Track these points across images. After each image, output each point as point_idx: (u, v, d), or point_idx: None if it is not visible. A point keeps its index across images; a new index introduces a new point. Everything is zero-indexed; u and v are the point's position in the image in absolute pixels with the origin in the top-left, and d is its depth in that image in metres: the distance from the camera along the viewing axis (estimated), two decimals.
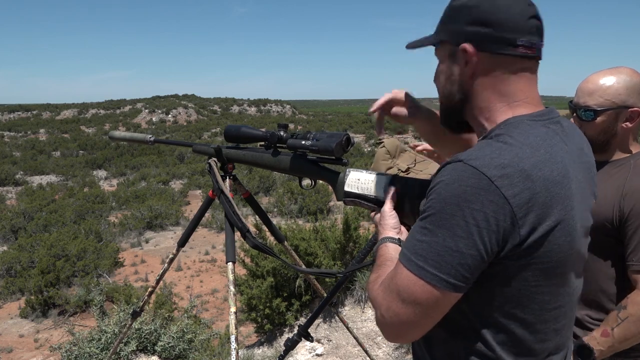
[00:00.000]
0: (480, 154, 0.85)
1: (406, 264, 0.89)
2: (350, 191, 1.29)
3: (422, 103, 1.25)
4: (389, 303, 0.91)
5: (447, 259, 0.84)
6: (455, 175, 0.84)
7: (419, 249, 0.87)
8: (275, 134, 1.57)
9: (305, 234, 4.67)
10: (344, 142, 1.40)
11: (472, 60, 0.93)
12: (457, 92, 0.98)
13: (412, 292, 0.87)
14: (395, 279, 0.91)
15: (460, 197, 0.82)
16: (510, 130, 0.89)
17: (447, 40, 0.98)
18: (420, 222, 0.89)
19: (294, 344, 2.07)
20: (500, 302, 0.90)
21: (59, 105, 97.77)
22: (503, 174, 0.82)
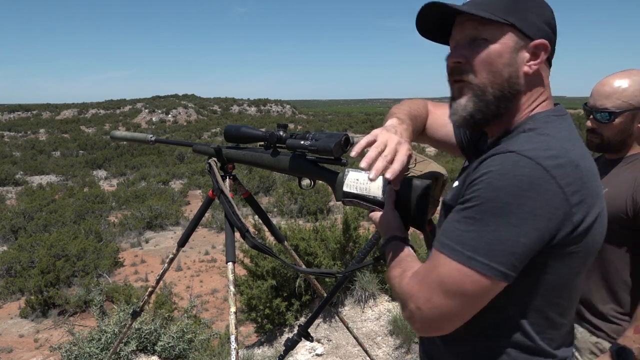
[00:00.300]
0: (530, 145, 0.87)
1: (451, 254, 0.87)
2: (349, 191, 1.29)
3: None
4: (427, 295, 0.89)
5: (499, 247, 0.83)
6: (509, 165, 0.84)
7: (466, 238, 0.86)
8: (274, 134, 1.57)
9: (305, 233, 4.67)
10: (343, 142, 1.40)
11: (542, 57, 0.96)
12: (515, 83, 0.96)
13: (458, 283, 0.86)
14: (436, 271, 0.89)
15: (515, 187, 0.82)
16: (543, 125, 0.93)
17: (520, 27, 0.94)
18: (462, 212, 0.88)
19: (294, 343, 2.07)
20: (544, 291, 0.91)
21: (59, 105, 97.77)
22: (557, 164, 0.84)
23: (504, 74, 0.94)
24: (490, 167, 0.86)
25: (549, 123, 0.94)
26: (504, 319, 0.94)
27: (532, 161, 0.84)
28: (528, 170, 0.83)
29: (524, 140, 0.90)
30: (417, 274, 0.94)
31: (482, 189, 0.85)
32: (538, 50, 0.95)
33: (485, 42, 0.95)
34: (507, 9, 0.94)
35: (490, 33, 0.94)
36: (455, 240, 0.87)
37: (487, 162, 0.88)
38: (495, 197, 0.84)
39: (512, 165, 0.84)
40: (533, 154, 0.85)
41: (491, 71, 0.95)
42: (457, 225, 0.88)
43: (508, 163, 0.85)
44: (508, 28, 0.94)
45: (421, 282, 0.91)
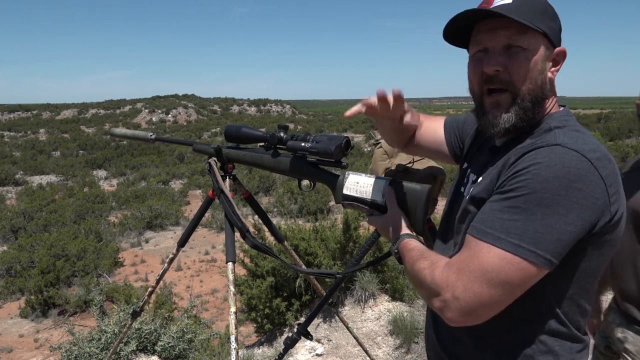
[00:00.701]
0: (571, 139, 0.91)
1: (495, 242, 0.88)
2: (349, 194, 1.29)
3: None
4: (466, 284, 0.89)
5: (546, 236, 0.85)
6: (556, 158, 0.87)
7: (511, 227, 0.87)
8: (275, 135, 1.57)
9: (305, 233, 4.67)
10: (344, 145, 1.40)
11: (561, 64, 1.01)
12: (544, 88, 1.00)
13: (504, 271, 0.86)
14: (477, 259, 0.89)
15: (564, 178, 0.85)
16: (567, 123, 0.98)
17: (548, 34, 0.98)
18: (505, 201, 0.89)
19: (294, 342, 2.07)
20: (579, 278, 0.94)
21: (59, 105, 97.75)
22: (598, 157, 0.89)
23: (538, 82, 0.98)
24: (537, 159, 0.88)
25: (569, 121, 0.98)
26: (540, 307, 0.95)
27: (579, 154, 0.87)
28: (575, 162, 0.87)
29: (563, 135, 0.92)
30: (452, 264, 0.93)
31: (530, 180, 0.87)
32: (559, 57, 1.00)
33: (523, 51, 0.96)
34: (539, 17, 0.96)
35: (527, 41, 0.96)
36: (499, 229, 0.88)
37: (532, 155, 0.90)
38: (543, 187, 0.86)
39: (559, 157, 0.87)
40: (578, 147, 0.89)
41: (530, 79, 0.97)
42: (499, 214, 0.89)
43: (555, 155, 0.88)
44: (541, 36, 0.97)
45: (459, 271, 0.90)
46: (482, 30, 0.99)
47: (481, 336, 1.01)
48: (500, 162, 0.98)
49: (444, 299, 0.91)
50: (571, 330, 0.96)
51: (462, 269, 0.90)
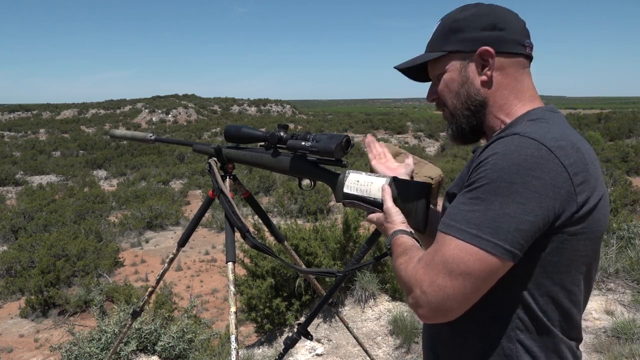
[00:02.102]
0: (532, 129, 0.90)
1: (456, 233, 0.88)
2: (349, 193, 1.29)
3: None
4: (432, 277, 0.88)
5: (504, 225, 0.84)
6: (513, 147, 0.87)
7: (471, 217, 0.87)
8: (275, 134, 1.57)
9: (305, 233, 4.67)
10: (344, 143, 1.41)
11: (491, 62, 1.00)
12: (476, 95, 1.02)
13: (463, 262, 0.86)
14: (440, 252, 0.89)
15: (520, 166, 0.85)
16: (541, 116, 0.97)
17: (457, 49, 1.03)
18: (468, 194, 0.90)
19: (294, 342, 2.07)
20: (550, 272, 0.92)
21: (59, 105, 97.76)
22: (559, 145, 0.87)
23: (461, 93, 1.03)
24: (495, 150, 0.89)
25: (546, 116, 0.98)
26: (513, 304, 0.93)
27: (536, 142, 0.86)
28: (532, 151, 0.86)
29: (526, 126, 0.92)
30: (422, 258, 0.94)
31: (488, 170, 0.87)
32: (484, 58, 1.00)
33: (441, 75, 1.06)
34: (443, 40, 1.04)
35: (441, 66, 1.06)
36: (460, 221, 0.88)
37: (492, 146, 0.91)
38: (500, 176, 0.85)
39: (516, 146, 0.87)
40: (537, 135, 0.88)
41: (452, 95, 1.05)
42: (462, 207, 0.90)
43: (512, 144, 0.87)
44: (452, 55, 1.03)
45: (426, 266, 0.91)
46: None
47: (459, 331, 1.00)
48: (474, 155, 0.99)
49: (414, 295, 0.92)
50: (551, 331, 0.94)
51: (429, 263, 0.90)
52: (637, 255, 3.90)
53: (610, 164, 20.87)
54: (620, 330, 3.10)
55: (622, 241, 4.28)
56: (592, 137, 27.62)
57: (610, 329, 3.18)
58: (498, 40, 0.99)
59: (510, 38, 0.99)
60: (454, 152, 29.98)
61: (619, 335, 3.10)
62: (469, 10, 1.02)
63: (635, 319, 3.21)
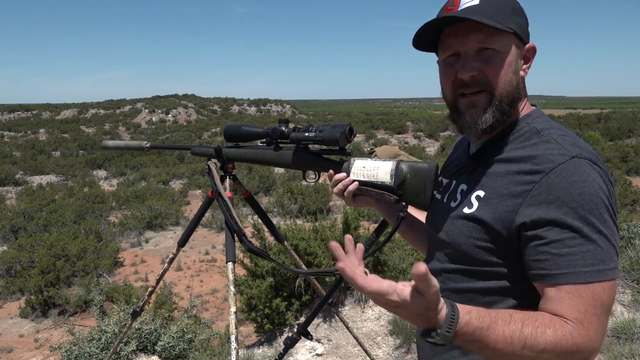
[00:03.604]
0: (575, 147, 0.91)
1: (604, 276, 0.85)
2: (356, 179, 1.30)
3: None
4: (599, 329, 0.85)
5: (615, 250, 0.88)
6: (584, 171, 0.88)
7: (601, 254, 0.86)
8: (277, 129, 1.57)
9: (305, 233, 4.67)
10: (348, 132, 1.41)
11: (531, 61, 1.00)
12: (518, 86, 0.98)
13: (611, 298, 0.88)
14: (598, 301, 0.84)
15: (598, 191, 0.87)
16: (548, 122, 1.00)
17: (518, 33, 0.96)
18: (574, 233, 0.85)
19: (294, 342, 2.06)
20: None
21: (59, 105, 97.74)
22: (601, 161, 0.92)
23: (513, 82, 0.96)
24: (570, 179, 0.87)
25: (550, 121, 1.00)
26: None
27: (594, 164, 0.90)
28: (595, 174, 0.88)
29: (562, 141, 0.92)
30: (580, 321, 0.84)
31: (580, 202, 0.86)
32: (529, 54, 1.00)
33: (497, 53, 0.94)
34: (508, 16, 0.94)
35: (499, 43, 0.94)
36: (596, 263, 0.85)
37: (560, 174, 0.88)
38: (595, 206, 0.86)
39: (583, 170, 0.88)
40: (588, 155, 0.90)
41: (507, 81, 0.95)
42: (581, 248, 0.85)
43: (580, 169, 0.88)
44: (512, 36, 0.95)
45: (591, 324, 0.84)
46: (451, 34, 0.97)
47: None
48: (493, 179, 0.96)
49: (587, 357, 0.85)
50: None
51: (592, 321, 0.84)
52: (637, 255, 3.90)
53: (610, 164, 20.87)
54: (620, 330, 3.09)
55: (622, 241, 4.28)
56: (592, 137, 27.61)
57: (610, 329, 3.18)
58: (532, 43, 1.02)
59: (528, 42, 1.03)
60: None
61: (619, 335, 3.10)
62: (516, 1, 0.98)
63: (635, 319, 3.21)
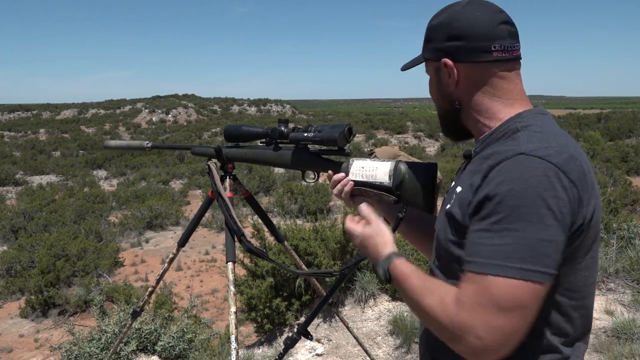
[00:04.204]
0: (534, 145, 0.90)
1: (500, 272, 0.85)
2: (355, 180, 1.29)
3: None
4: (486, 321, 0.85)
5: (543, 251, 0.84)
6: (524, 169, 0.87)
7: (508, 251, 0.85)
8: (276, 129, 1.58)
9: (305, 233, 4.67)
10: (347, 131, 1.42)
11: (454, 72, 1.03)
12: (448, 102, 1.08)
13: (516, 298, 0.84)
14: (487, 293, 0.86)
15: (537, 188, 0.85)
16: (532, 121, 0.97)
17: (430, 57, 1.08)
18: (490, 225, 0.87)
19: (294, 342, 2.07)
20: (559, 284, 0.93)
21: (59, 105, 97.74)
22: (563, 160, 0.88)
23: (439, 98, 1.10)
24: (505, 174, 0.88)
25: (537, 120, 0.98)
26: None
27: (544, 160, 0.87)
28: (543, 170, 0.86)
29: (525, 140, 0.92)
30: (462, 302, 0.88)
31: (506, 197, 0.86)
32: (448, 68, 1.03)
33: (429, 78, 1.13)
34: (424, 46, 1.10)
35: (428, 70, 1.12)
36: (497, 257, 0.86)
37: (500, 169, 0.89)
38: (521, 202, 0.85)
39: (526, 167, 0.87)
40: (542, 152, 0.88)
41: (434, 98, 1.12)
42: (489, 241, 0.87)
43: (522, 166, 0.87)
44: (430, 62, 1.09)
45: (471, 310, 0.87)
46: None
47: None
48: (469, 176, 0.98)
49: (468, 343, 0.87)
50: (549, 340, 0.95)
51: (474, 307, 0.87)
52: (637, 255, 3.90)
53: (610, 164, 20.87)
54: (620, 330, 3.10)
55: (622, 241, 4.28)
56: (592, 137, 27.59)
57: (610, 329, 3.18)
58: (457, 51, 1.01)
59: (469, 47, 0.99)
60: (454, 152, 29.98)
61: (619, 335, 3.10)
62: (439, 17, 1.05)
63: (635, 319, 3.21)
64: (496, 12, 1.01)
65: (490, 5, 1.02)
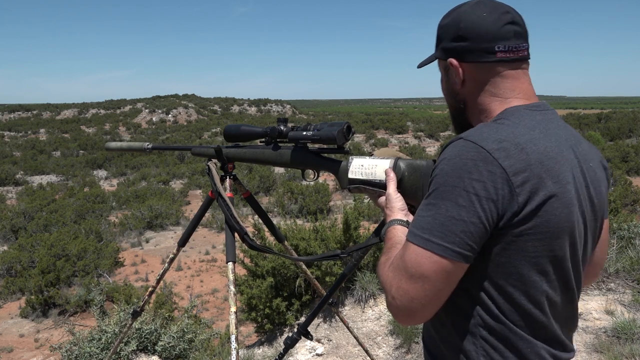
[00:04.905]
0: (478, 132, 0.95)
1: (412, 239, 0.92)
2: (355, 178, 1.29)
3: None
4: (398, 282, 0.93)
5: (451, 228, 0.88)
6: (456, 151, 0.92)
7: (424, 222, 0.92)
8: (275, 128, 1.58)
9: (305, 233, 4.67)
10: (345, 130, 1.42)
11: (459, 71, 1.05)
12: (456, 100, 1.10)
13: (420, 266, 0.90)
14: (403, 257, 0.93)
15: (461, 169, 0.89)
16: (508, 116, 0.99)
17: (440, 56, 1.10)
18: (424, 200, 0.95)
19: (294, 342, 2.07)
20: (502, 273, 0.93)
21: (59, 105, 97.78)
22: (500, 147, 0.90)
23: (448, 96, 1.13)
24: (444, 155, 0.94)
25: (515, 114, 0.99)
26: (470, 300, 0.96)
27: (475, 144, 0.91)
28: (472, 154, 0.90)
29: (476, 129, 0.97)
30: (391, 263, 0.98)
31: (437, 175, 0.93)
32: (454, 68, 1.05)
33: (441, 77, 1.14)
34: (435, 45, 1.11)
35: (439, 68, 1.13)
36: (416, 226, 0.93)
37: (443, 151, 0.96)
38: (445, 181, 0.90)
39: (459, 150, 0.92)
40: (477, 138, 0.92)
41: (444, 95, 1.14)
42: (420, 212, 0.95)
43: (456, 149, 0.93)
44: (440, 61, 1.11)
45: (394, 270, 0.95)
46: None
47: (437, 328, 1.04)
48: None
49: (387, 299, 0.96)
50: (514, 330, 0.95)
51: (396, 268, 0.95)
52: (637, 255, 3.90)
53: (611, 164, 20.88)
54: (620, 330, 3.10)
55: (622, 241, 4.28)
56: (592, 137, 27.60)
57: (610, 329, 3.18)
58: (462, 52, 1.03)
59: (474, 48, 1.01)
60: None
61: (619, 335, 3.10)
62: (449, 17, 1.07)
63: (636, 319, 3.21)
64: (503, 13, 1.01)
65: (497, 6, 1.02)
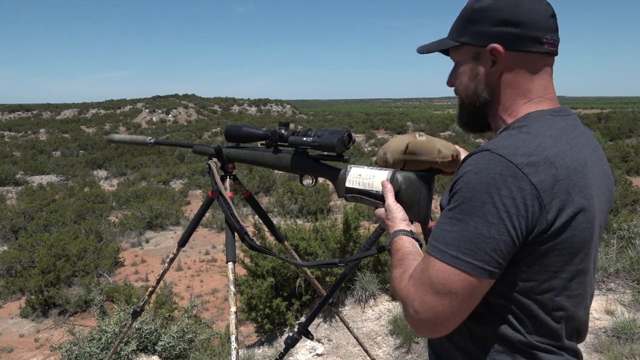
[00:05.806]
0: (505, 143, 0.90)
1: (438, 255, 0.90)
2: (352, 187, 1.29)
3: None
4: (422, 297, 0.90)
5: (480, 246, 0.86)
6: (483, 164, 0.88)
7: (450, 239, 0.89)
8: (276, 132, 1.58)
9: (305, 233, 4.67)
10: (346, 138, 1.41)
11: (500, 60, 0.97)
12: (483, 91, 1.02)
13: (447, 283, 0.88)
14: (427, 272, 0.91)
15: (489, 184, 0.86)
16: (532, 122, 0.95)
17: (470, 42, 1.01)
18: (448, 212, 0.91)
19: (294, 342, 2.07)
20: (521, 288, 0.92)
21: (59, 105, 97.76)
22: (529, 161, 0.86)
23: (470, 87, 1.03)
24: (468, 167, 0.90)
25: (539, 121, 0.95)
26: (489, 312, 0.95)
27: (505, 159, 0.86)
28: (501, 169, 0.86)
29: (502, 139, 0.93)
30: (411, 276, 0.95)
31: (462, 189, 0.89)
32: (494, 55, 0.97)
33: (457, 65, 1.06)
34: (460, 29, 1.02)
35: (457, 56, 1.05)
36: (441, 242, 0.90)
37: (466, 162, 0.92)
38: (472, 196, 0.87)
39: (486, 163, 0.87)
40: (506, 151, 0.87)
41: (462, 87, 1.05)
42: (442, 226, 0.91)
43: (483, 162, 0.88)
44: (467, 47, 1.01)
45: (416, 284, 0.92)
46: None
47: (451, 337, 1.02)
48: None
49: (409, 313, 0.94)
50: (529, 340, 0.94)
51: (418, 282, 0.92)
52: (637, 255, 3.90)
53: (611, 164, 20.85)
54: (621, 330, 3.10)
55: (622, 241, 4.28)
56: None
57: (610, 328, 3.18)
58: (510, 38, 0.95)
59: (524, 35, 0.95)
60: None
61: (619, 335, 3.10)
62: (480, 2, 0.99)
63: (636, 319, 3.21)
64: (547, 4, 0.97)
65: None
